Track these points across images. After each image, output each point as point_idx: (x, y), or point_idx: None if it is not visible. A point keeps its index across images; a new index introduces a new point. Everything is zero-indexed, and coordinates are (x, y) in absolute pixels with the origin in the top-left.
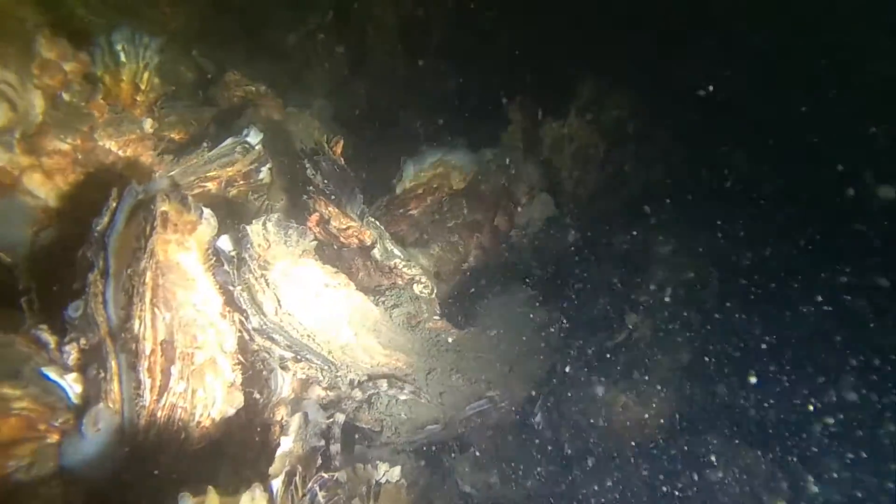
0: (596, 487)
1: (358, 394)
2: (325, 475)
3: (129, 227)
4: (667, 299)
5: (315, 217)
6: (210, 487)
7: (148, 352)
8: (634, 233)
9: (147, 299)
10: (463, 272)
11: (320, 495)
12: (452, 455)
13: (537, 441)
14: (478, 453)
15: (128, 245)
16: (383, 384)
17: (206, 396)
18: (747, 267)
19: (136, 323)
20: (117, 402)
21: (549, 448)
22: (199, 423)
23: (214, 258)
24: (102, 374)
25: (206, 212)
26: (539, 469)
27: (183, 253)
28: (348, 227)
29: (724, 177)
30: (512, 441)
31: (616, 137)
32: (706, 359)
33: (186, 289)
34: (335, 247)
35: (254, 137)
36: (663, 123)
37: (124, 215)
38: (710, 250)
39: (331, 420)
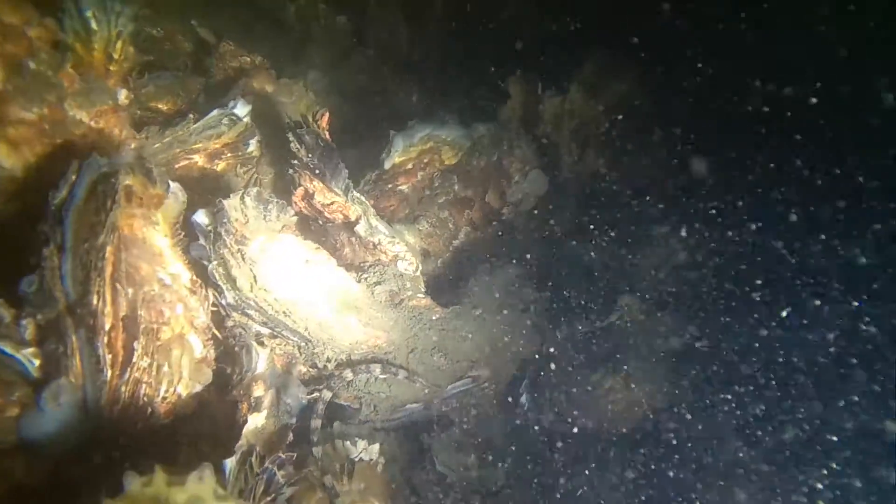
0: (579, 471)
1: (349, 374)
2: (283, 455)
3: (89, 201)
4: (661, 282)
5: (300, 192)
6: (157, 466)
7: (107, 327)
8: (631, 213)
9: (106, 274)
10: (452, 249)
11: (279, 475)
12: (431, 434)
13: (522, 422)
14: (458, 433)
15: (87, 219)
16: (377, 369)
17: (171, 372)
18: (748, 251)
19: (94, 298)
20: (79, 378)
21: (533, 430)
22: (164, 398)
23: (185, 233)
24: (62, 349)
25: (174, 186)
26: (522, 451)
27: (149, 228)
28: (332, 203)
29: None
30: (495, 422)
31: (619, 114)
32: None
33: (152, 264)
34: (320, 222)
35: (241, 109)
36: (668, 102)
37: (84, 189)
38: (708, 234)
39: (313, 396)
